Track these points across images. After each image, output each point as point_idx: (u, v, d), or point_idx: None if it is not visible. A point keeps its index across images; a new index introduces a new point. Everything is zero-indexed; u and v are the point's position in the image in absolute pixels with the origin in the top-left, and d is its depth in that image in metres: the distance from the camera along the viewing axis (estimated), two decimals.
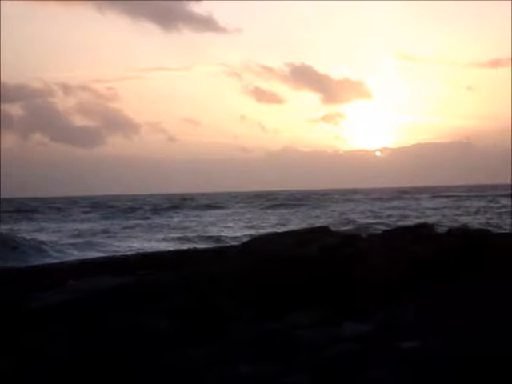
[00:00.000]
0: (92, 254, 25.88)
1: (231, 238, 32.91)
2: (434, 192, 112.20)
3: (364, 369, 5.47)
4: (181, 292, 7.95)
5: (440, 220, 40.11)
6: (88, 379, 5.87)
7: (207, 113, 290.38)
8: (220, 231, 41.12)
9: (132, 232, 41.39)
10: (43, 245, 29.74)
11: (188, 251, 22.75)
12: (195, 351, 6.33)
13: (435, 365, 5.37)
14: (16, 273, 13.70)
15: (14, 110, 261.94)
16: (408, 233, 9.65)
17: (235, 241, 28.22)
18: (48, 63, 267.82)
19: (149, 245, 31.48)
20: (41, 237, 35.70)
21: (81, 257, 24.77)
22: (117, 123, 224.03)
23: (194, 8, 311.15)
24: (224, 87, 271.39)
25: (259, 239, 10.07)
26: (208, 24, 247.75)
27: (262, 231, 36.82)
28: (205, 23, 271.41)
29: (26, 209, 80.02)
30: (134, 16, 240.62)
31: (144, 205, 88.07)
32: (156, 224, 49.31)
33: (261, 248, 9.14)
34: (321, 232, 9.57)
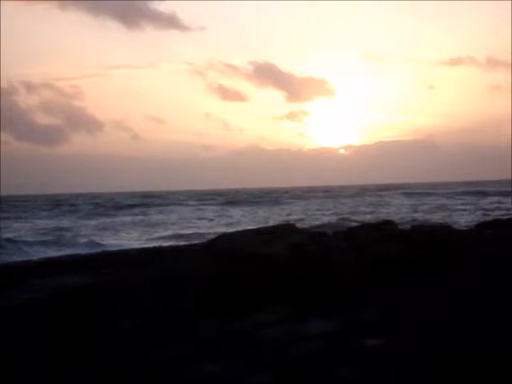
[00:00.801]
0: (56, 253, 25.63)
1: (196, 236, 32.83)
2: (397, 189, 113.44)
3: (330, 366, 5.49)
4: (145, 291, 7.90)
5: (403, 217, 40.52)
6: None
7: (171, 111, 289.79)
8: (184, 228, 41.03)
9: (96, 230, 41.08)
10: (6, 242, 29.32)
11: (153, 249, 22.72)
12: (159, 352, 6.29)
13: (400, 362, 5.41)
14: None
15: None
16: (372, 230, 9.69)
17: (200, 238, 28.15)
18: (10, 61, 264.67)
19: (113, 243, 31.25)
20: (2, 235, 35.22)
21: (44, 255, 24.53)
22: (80, 121, 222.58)
23: (158, 6, 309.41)
24: (188, 85, 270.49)
25: (225, 237, 10.04)
26: (171, 22, 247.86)
27: (227, 229, 36.84)
28: (168, 21, 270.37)
29: None
30: (97, 14, 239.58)
31: (107, 202, 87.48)
32: (120, 222, 49.06)
33: (226, 246, 9.11)
34: (286, 229, 9.55)
